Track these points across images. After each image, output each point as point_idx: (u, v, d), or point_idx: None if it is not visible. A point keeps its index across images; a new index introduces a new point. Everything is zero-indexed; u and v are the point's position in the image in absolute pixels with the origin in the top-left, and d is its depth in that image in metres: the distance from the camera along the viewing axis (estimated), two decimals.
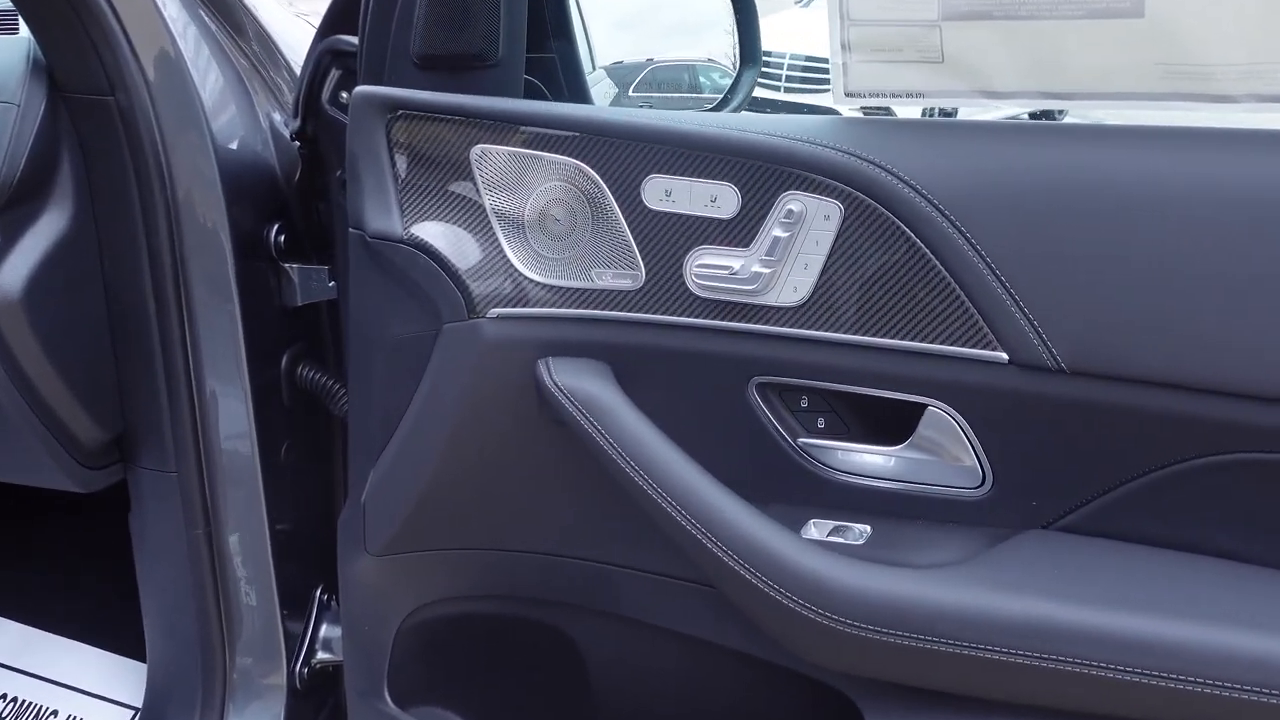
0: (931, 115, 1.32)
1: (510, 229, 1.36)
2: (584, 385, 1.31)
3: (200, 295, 1.49)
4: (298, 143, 1.51)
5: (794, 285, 1.25)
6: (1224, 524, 1.12)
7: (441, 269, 1.37)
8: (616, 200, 1.31)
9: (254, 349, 1.51)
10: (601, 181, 1.31)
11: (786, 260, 1.24)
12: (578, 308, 1.34)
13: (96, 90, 1.49)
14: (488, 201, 1.36)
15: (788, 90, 6.65)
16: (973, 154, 1.19)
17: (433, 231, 1.38)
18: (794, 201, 1.23)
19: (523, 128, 1.33)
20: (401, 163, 1.39)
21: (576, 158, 1.32)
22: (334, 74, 1.55)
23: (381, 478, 1.39)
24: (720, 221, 1.27)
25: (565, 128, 1.32)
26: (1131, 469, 1.14)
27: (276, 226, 1.57)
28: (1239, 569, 1.11)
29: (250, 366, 1.54)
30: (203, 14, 1.61)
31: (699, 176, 1.27)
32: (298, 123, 1.55)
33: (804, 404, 1.32)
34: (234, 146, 1.51)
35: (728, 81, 1.91)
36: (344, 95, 1.43)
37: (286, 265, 1.58)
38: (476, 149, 1.35)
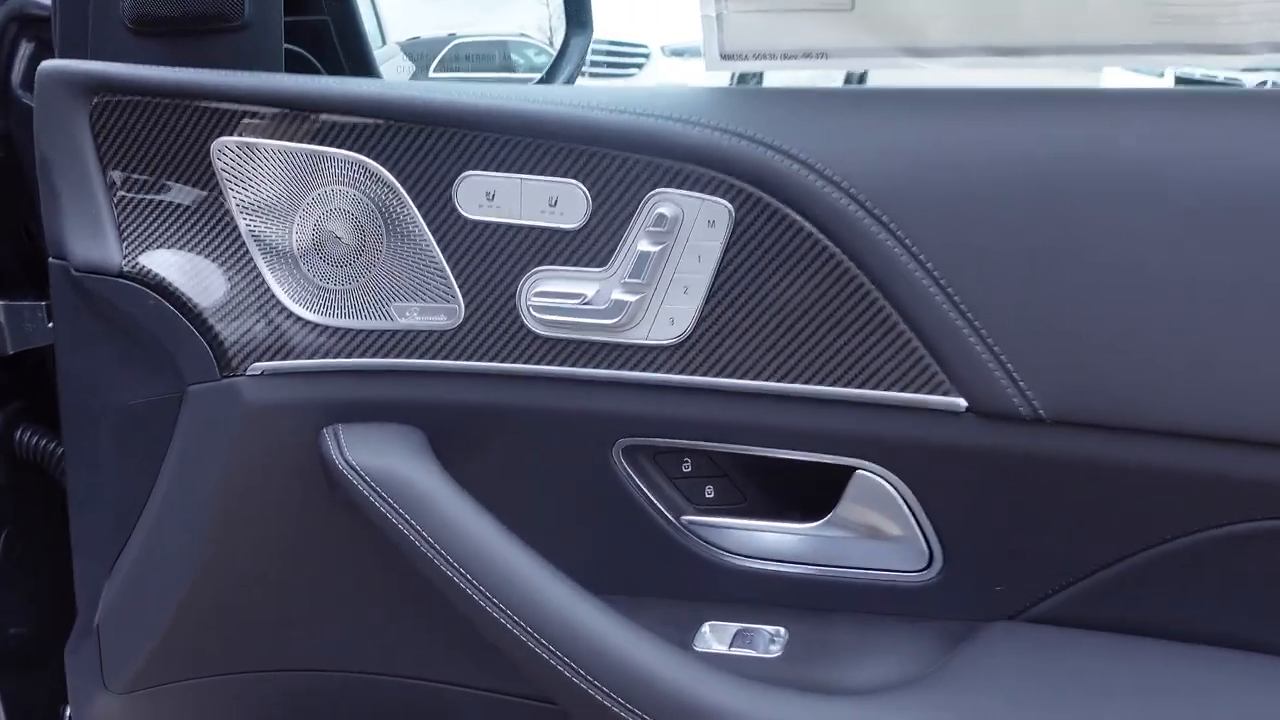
0: (847, 85, 1.00)
1: (274, 254, 0.99)
2: (385, 462, 0.96)
3: None
4: None
5: (669, 316, 0.92)
6: (1247, 608, 0.86)
7: (179, 312, 0.99)
8: (420, 208, 0.95)
9: None
10: (398, 184, 0.95)
11: (658, 283, 0.91)
12: (374, 356, 0.98)
13: None
14: (241, 219, 0.98)
15: (593, 77, 6.33)
16: (903, 131, 0.89)
17: (165, 261, 1.00)
18: (665, 203, 0.90)
19: (282, 112, 0.96)
20: (115, 166, 0.99)
21: (361, 152, 0.96)
22: (25, 48, 1.14)
23: (120, 590, 1.11)
24: (564, 233, 0.93)
25: (343, 110, 0.95)
26: (1129, 543, 0.86)
27: None
28: (1270, 666, 0.85)
29: None
30: None
31: (532, 173, 0.92)
32: None
33: (687, 469, 1.00)
34: None
35: (545, 60, 1.55)
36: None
37: None
38: (219, 144, 0.97)
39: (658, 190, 0.90)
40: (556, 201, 0.92)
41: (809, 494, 0.98)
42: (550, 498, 1.01)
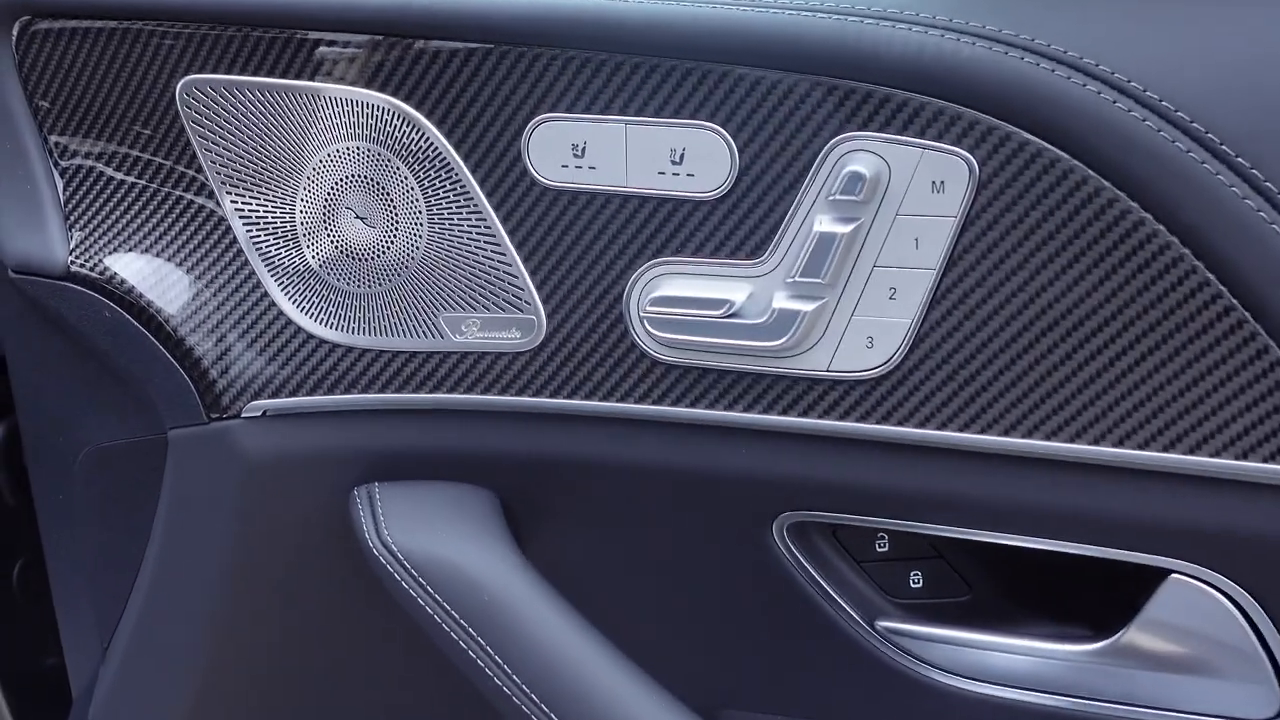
0: None
1: (272, 244, 0.68)
2: (440, 545, 0.66)
3: None
4: None
5: (866, 335, 0.58)
6: None
7: (146, 329, 0.69)
8: (475, 172, 0.63)
9: None
10: (440, 136, 0.64)
11: (848, 283, 0.58)
12: (418, 389, 0.68)
13: None
14: (224, 193, 0.68)
15: None
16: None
17: (124, 257, 0.70)
18: (860, 156, 0.56)
19: (268, 34, 0.64)
20: (54, 124, 0.70)
21: (387, 90, 0.64)
22: None
23: (115, 684, 0.84)
24: (697, 205, 0.60)
25: (356, 26, 0.64)
26: None
27: None
28: None
29: None
30: None
31: (642, 112, 0.59)
32: None
33: (883, 547, 0.67)
34: None
35: None
36: None
37: None
38: (186, 86, 0.66)
39: (846, 136, 0.56)
40: (683, 156, 0.59)
41: (1081, 594, 0.64)
42: (676, 592, 0.69)
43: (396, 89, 0.63)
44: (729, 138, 0.58)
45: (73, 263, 0.71)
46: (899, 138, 0.55)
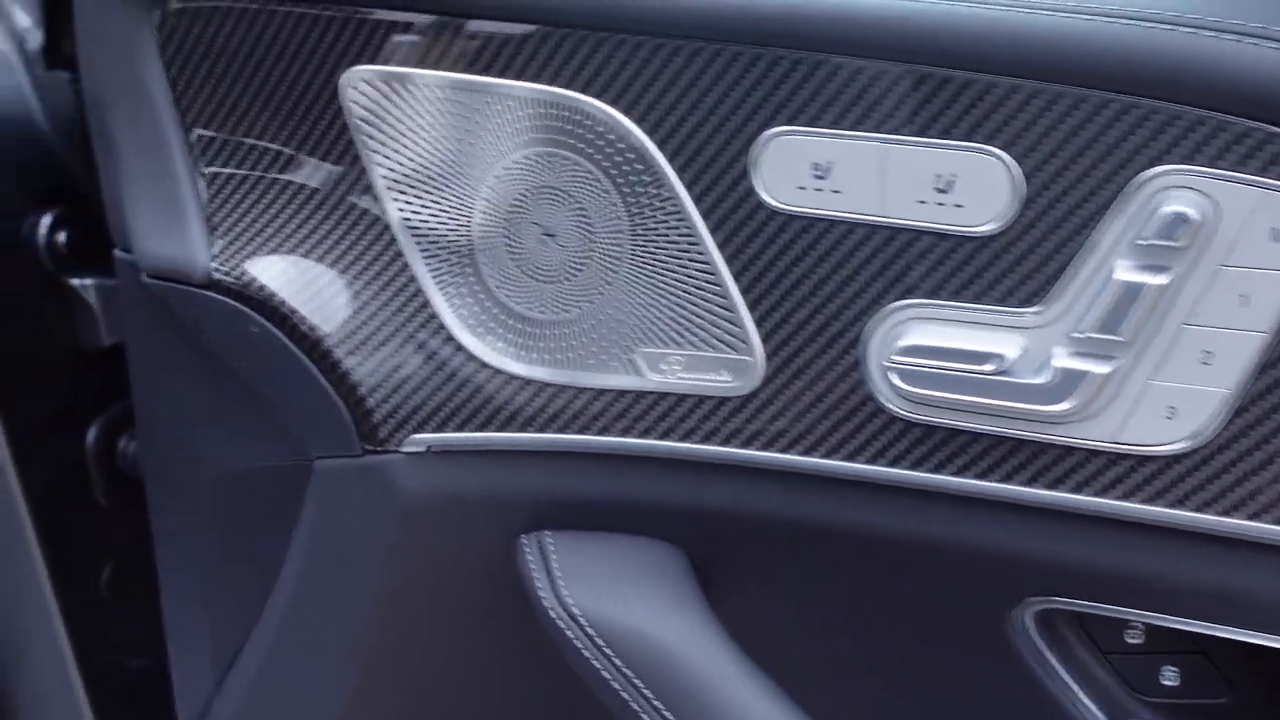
0: None
1: (444, 260, 0.60)
2: (627, 611, 0.58)
3: None
4: (65, 72, 0.86)
5: (1167, 404, 0.49)
6: None
7: (298, 348, 0.61)
8: (692, 190, 0.55)
9: (25, 426, 0.89)
10: (653, 148, 0.55)
11: (1151, 342, 0.49)
12: (606, 431, 0.60)
13: None
14: (391, 201, 0.60)
15: None
16: None
17: (274, 267, 0.63)
18: (1181, 194, 0.47)
19: (450, 22, 0.56)
20: (199, 117, 0.62)
21: (590, 92, 0.55)
22: None
23: (244, 707, 0.79)
24: (965, 242, 0.51)
25: (556, 18, 0.55)
26: None
27: (50, 218, 0.88)
28: None
29: (19, 454, 0.91)
30: None
31: (902, 130, 0.50)
32: (42, 34, 0.84)
33: (1135, 639, 0.58)
34: None
35: None
36: None
37: (76, 282, 0.86)
38: (352, 78, 0.58)
39: (1165, 169, 0.47)
40: (953, 183, 0.50)
41: None
42: (891, 672, 0.61)
43: (602, 91, 0.55)
44: (1012, 164, 0.49)
45: (215, 270, 0.63)
46: (1234, 174, 0.46)
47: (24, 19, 0.97)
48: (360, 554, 0.65)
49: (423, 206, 0.60)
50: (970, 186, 0.50)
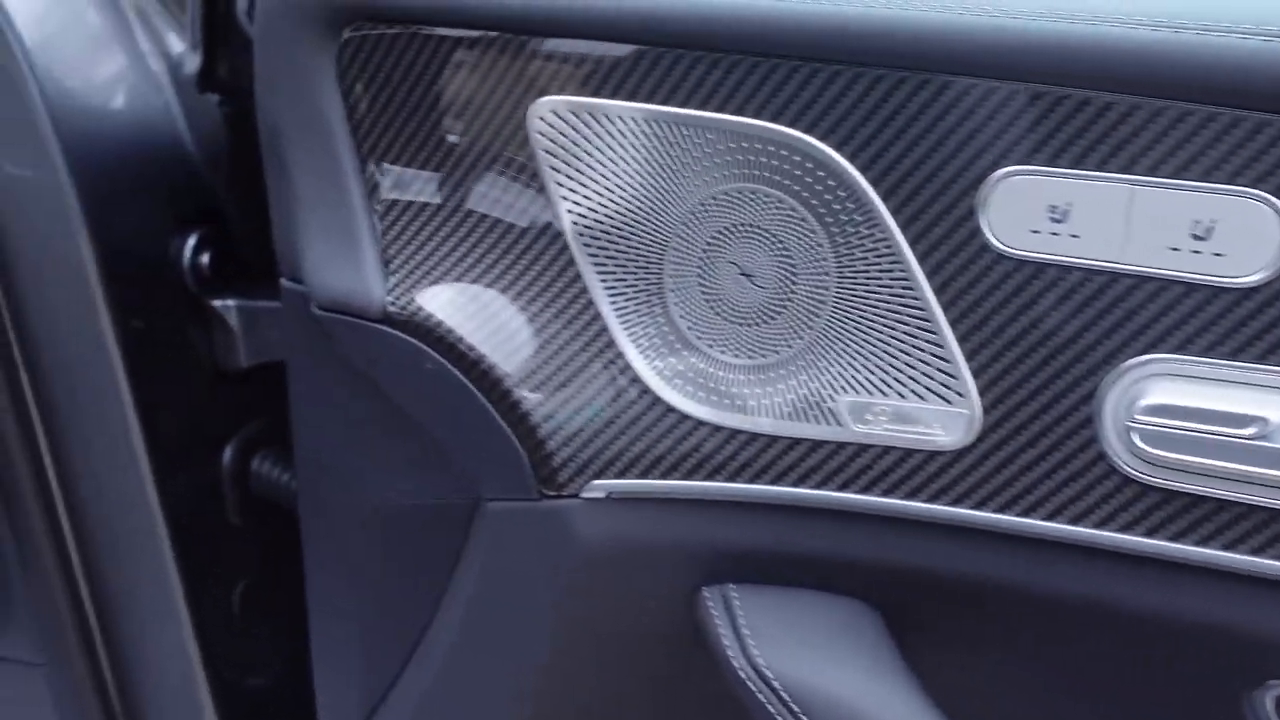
0: None
1: (633, 299, 0.57)
2: (831, 683, 0.54)
3: (54, 364, 0.85)
4: (215, 95, 0.87)
5: None
6: None
7: (476, 386, 0.59)
8: (908, 232, 0.51)
9: (165, 444, 0.89)
10: (867, 186, 0.52)
11: None
12: (800, 483, 0.56)
13: None
14: (577, 238, 0.57)
15: None
16: None
17: (453, 303, 0.61)
18: None
19: (643, 51, 0.53)
20: (376, 149, 0.61)
21: (799, 126, 0.52)
22: None
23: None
24: (1224, 294, 0.46)
25: (766, 47, 0.52)
26: None
27: (194, 239, 0.88)
28: None
29: (158, 473, 0.91)
30: None
31: (1159, 171, 0.46)
32: (198, 58, 0.82)
33: None
34: (93, 105, 0.87)
35: None
36: None
37: (218, 303, 0.87)
38: (540, 110, 0.56)
39: None
40: (1212, 229, 0.46)
41: None
42: None
43: (812, 125, 0.52)
44: None
45: (391, 304, 0.62)
46: None
47: (176, 42, 0.97)
48: (533, 598, 0.63)
49: (610, 243, 0.57)
50: (1233, 233, 0.45)
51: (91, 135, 0.86)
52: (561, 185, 0.57)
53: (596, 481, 0.59)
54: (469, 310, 0.60)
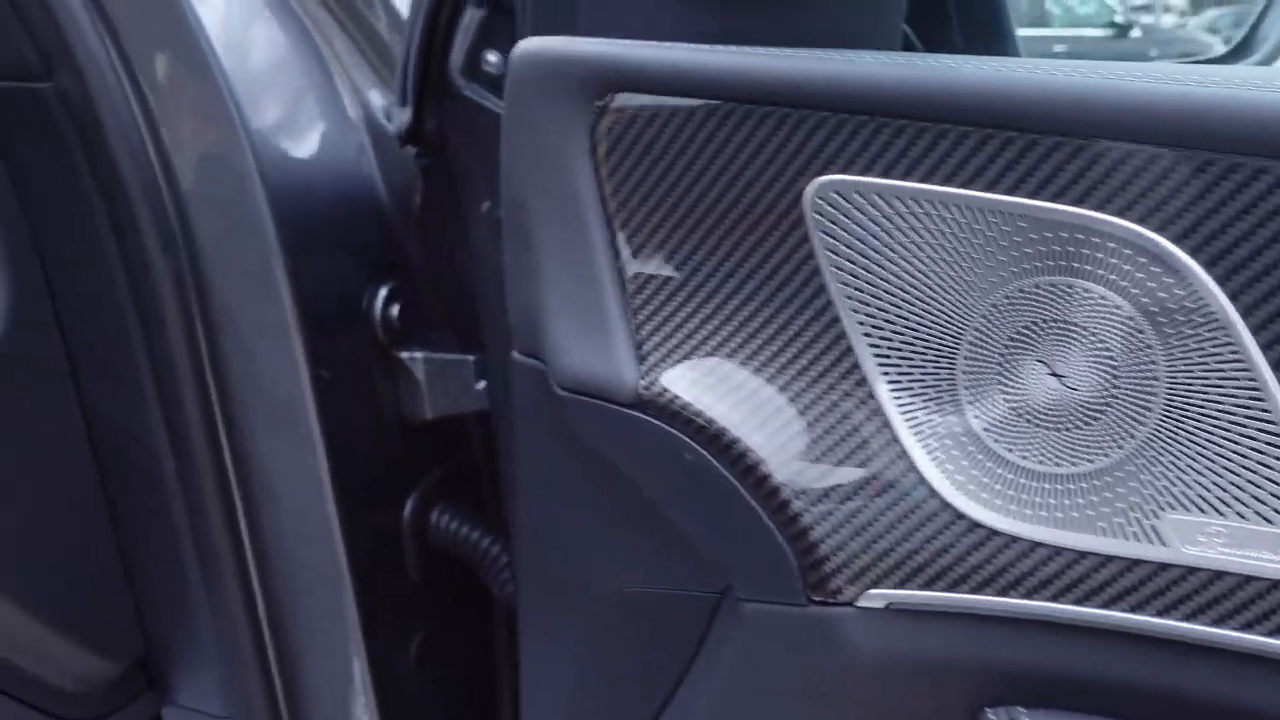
0: None
1: (919, 394, 0.53)
2: None
3: (249, 412, 0.86)
4: (413, 148, 0.86)
5: None
6: None
7: (740, 481, 0.55)
8: (1259, 332, 0.45)
9: (352, 494, 0.89)
10: (1211, 282, 0.46)
11: None
12: (1112, 605, 0.50)
13: (19, 73, 0.77)
14: (857, 327, 0.53)
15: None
16: None
17: (714, 390, 0.58)
18: None
19: (952, 130, 0.49)
20: (631, 223, 0.57)
21: (1130, 216, 0.46)
22: (471, 14, 0.78)
23: None
24: None
25: (1088, 129, 0.47)
26: None
27: (385, 291, 0.89)
28: None
29: (344, 523, 0.91)
30: None
31: None
32: (408, 113, 0.82)
33: None
34: (297, 155, 0.88)
35: (1097, 9, 0.97)
36: (490, 57, 0.78)
37: (405, 354, 0.88)
38: (820, 189, 0.52)
39: None
40: None
41: None
42: None
43: (1146, 215, 0.46)
44: None
45: (644, 389, 0.58)
46: None
47: (376, 96, 0.97)
48: (791, 706, 0.59)
49: (895, 334, 0.53)
50: None
51: (295, 186, 0.86)
52: (840, 270, 0.53)
53: (874, 591, 0.54)
54: (732, 398, 0.56)
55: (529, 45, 0.59)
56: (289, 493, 0.89)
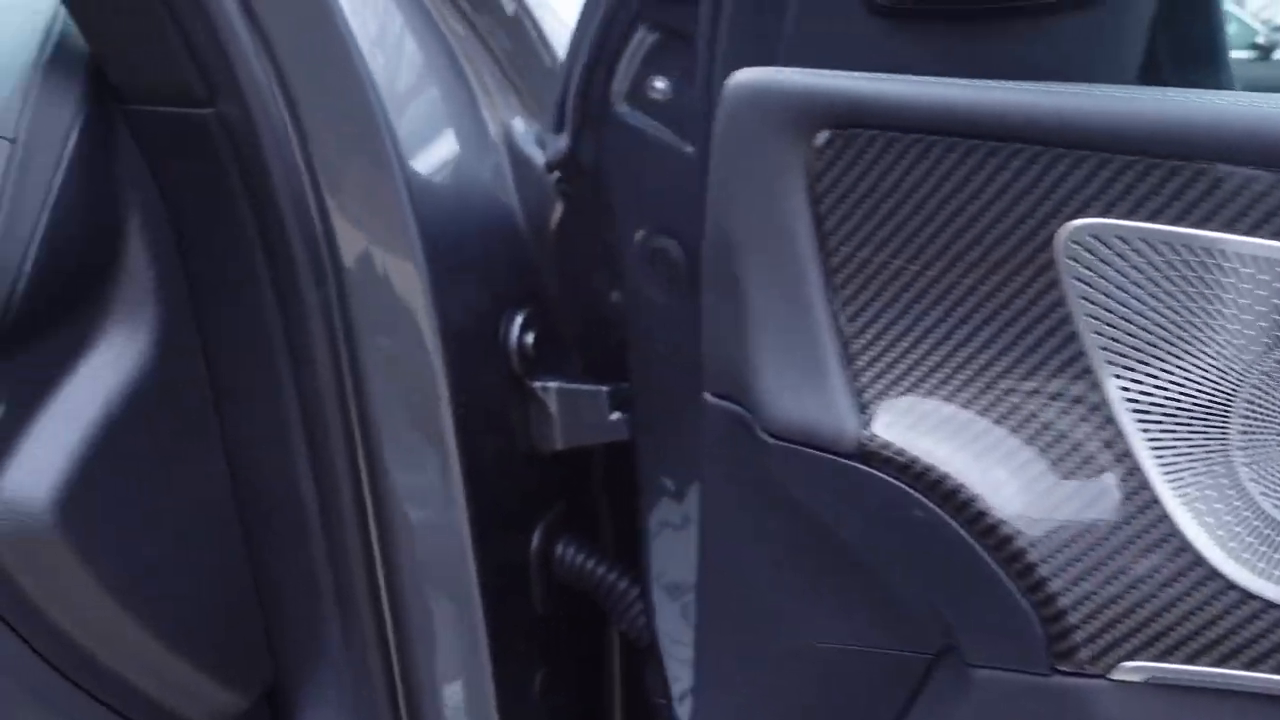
0: None
1: (1184, 455, 0.50)
2: None
3: (389, 441, 0.83)
4: (556, 173, 0.85)
5: None
6: None
7: (978, 543, 0.51)
8: None
9: (485, 525, 0.87)
10: None
11: None
12: None
13: (182, 98, 0.74)
14: (1110, 380, 0.49)
15: None
16: None
17: (953, 444, 0.54)
18: None
19: (1239, 174, 0.45)
20: (850, 257, 0.54)
21: None
22: (641, 37, 0.75)
23: None
24: None
25: None
26: None
27: (520, 318, 0.87)
28: None
29: (478, 556, 0.89)
30: None
31: None
32: (565, 139, 0.80)
33: None
34: (442, 180, 0.86)
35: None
36: (659, 84, 0.76)
37: (538, 384, 0.85)
38: (1077, 232, 0.48)
39: None
40: None
41: None
42: None
43: None
44: None
45: (868, 439, 0.55)
46: None
47: (519, 123, 0.95)
48: None
49: (1158, 388, 0.49)
50: None
51: (442, 213, 0.84)
52: (1097, 319, 0.49)
53: (1131, 663, 0.51)
54: (968, 452, 0.53)
55: (744, 77, 0.56)
56: (425, 524, 0.88)
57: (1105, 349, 0.49)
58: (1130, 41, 0.56)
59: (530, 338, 0.89)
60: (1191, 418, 0.49)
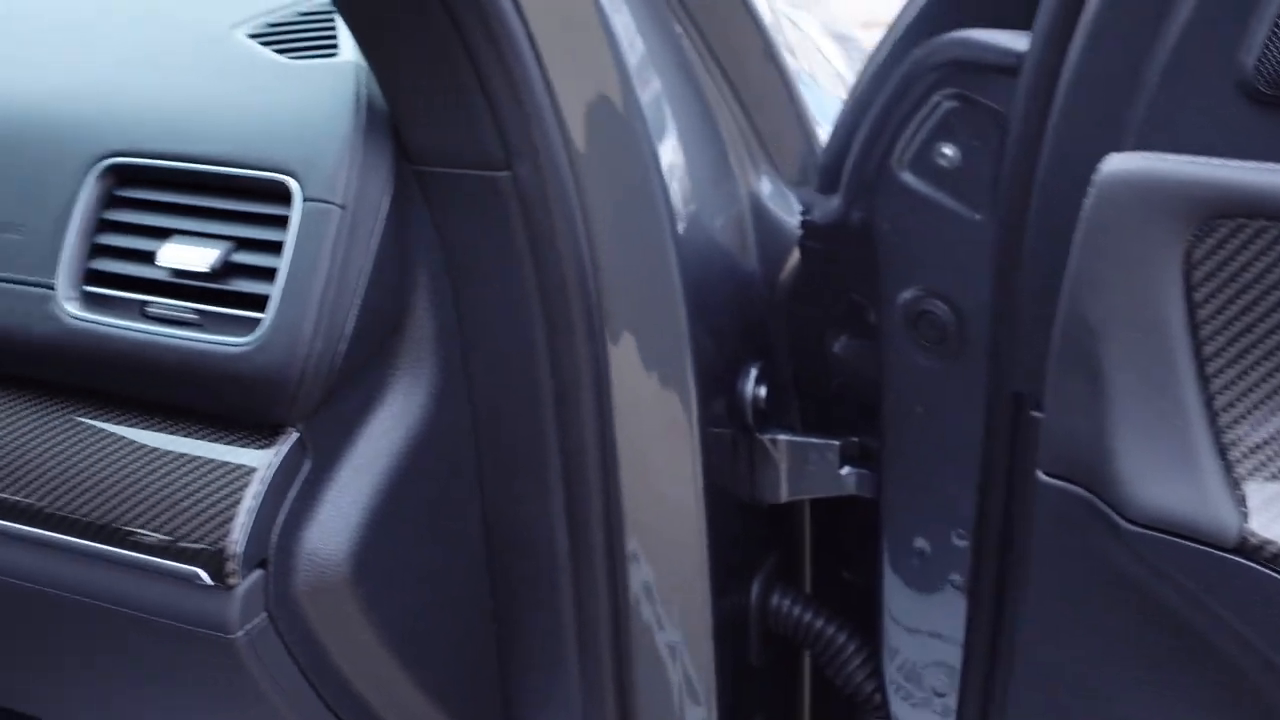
0: None
1: None
2: None
3: (639, 489, 0.84)
4: (802, 232, 0.86)
5: None
6: None
7: None
8: None
9: (720, 574, 0.89)
10: None
11: None
12: None
13: (480, 161, 0.74)
14: None
15: None
16: None
17: None
18: None
19: None
20: (1226, 350, 0.54)
21: None
22: (936, 105, 0.74)
23: None
24: None
25: None
26: None
27: (755, 371, 0.90)
28: None
29: (714, 608, 0.91)
30: (672, 24, 0.87)
31: None
32: (839, 201, 0.80)
33: None
34: (701, 236, 0.88)
35: None
36: (947, 150, 0.76)
37: (767, 436, 0.88)
38: None
39: None
40: None
41: None
42: None
43: None
44: None
45: (1252, 533, 0.54)
46: None
47: (766, 184, 0.95)
48: None
49: None
50: None
51: (699, 266, 0.86)
52: None
53: None
54: None
55: (1122, 163, 0.56)
56: (667, 570, 0.89)
57: None
58: None
59: (763, 391, 0.90)
60: None
